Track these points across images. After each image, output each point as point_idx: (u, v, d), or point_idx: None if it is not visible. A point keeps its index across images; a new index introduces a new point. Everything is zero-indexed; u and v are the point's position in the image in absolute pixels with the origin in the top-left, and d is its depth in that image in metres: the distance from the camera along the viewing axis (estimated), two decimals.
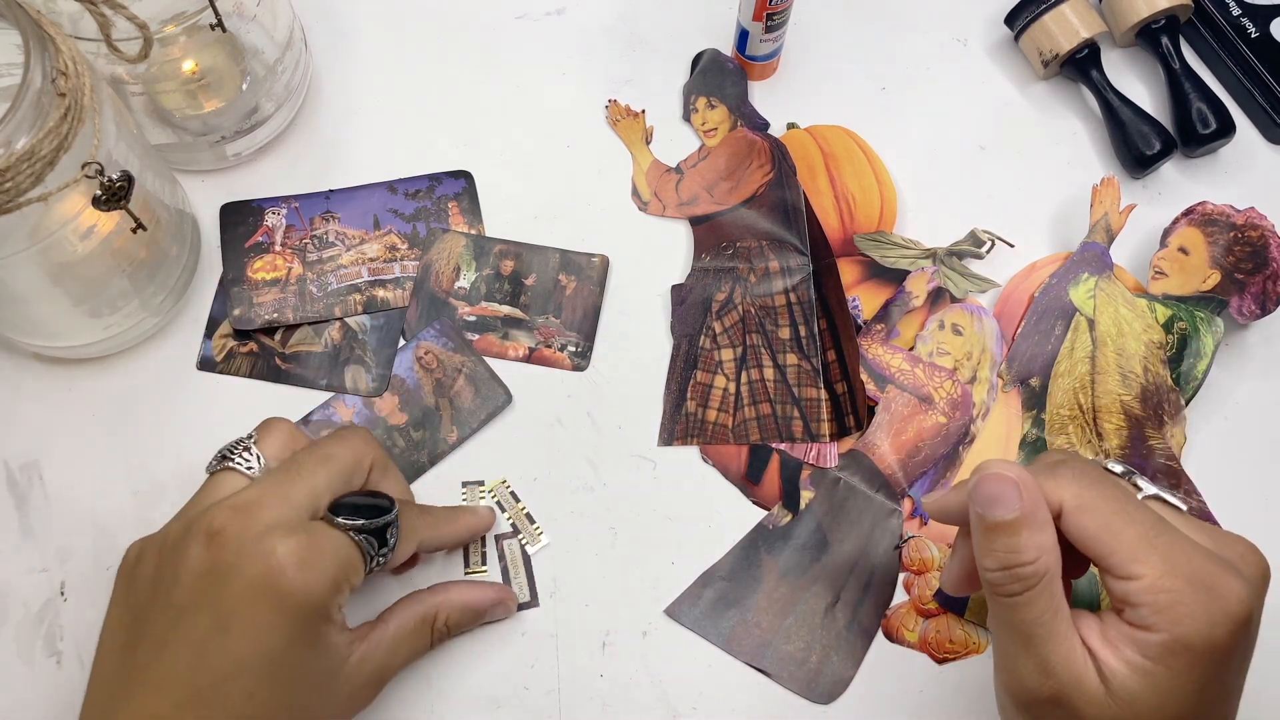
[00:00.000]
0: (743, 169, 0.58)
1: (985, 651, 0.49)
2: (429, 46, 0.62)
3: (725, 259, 0.55)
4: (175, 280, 0.53)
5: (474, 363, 0.54)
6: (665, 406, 0.53)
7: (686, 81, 0.61)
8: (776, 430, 0.52)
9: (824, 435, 0.52)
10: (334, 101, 0.60)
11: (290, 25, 0.56)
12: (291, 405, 0.52)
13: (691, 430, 0.53)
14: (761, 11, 0.56)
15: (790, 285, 0.54)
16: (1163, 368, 0.53)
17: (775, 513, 0.51)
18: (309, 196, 0.57)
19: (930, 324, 0.54)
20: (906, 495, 0.51)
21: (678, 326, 0.55)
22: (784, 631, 0.49)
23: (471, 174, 0.58)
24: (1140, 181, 0.59)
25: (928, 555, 0.50)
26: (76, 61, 0.42)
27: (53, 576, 0.49)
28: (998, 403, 0.53)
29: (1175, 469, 0.52)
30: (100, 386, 0.52)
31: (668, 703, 0.48)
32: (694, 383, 0.53)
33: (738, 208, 0.57)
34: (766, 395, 0.53)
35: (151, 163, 0.49)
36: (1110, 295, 0.55)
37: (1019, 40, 0.62)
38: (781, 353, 0.53)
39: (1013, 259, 0.57)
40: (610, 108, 0.60)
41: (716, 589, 0.50)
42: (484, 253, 0.56)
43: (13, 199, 0.40)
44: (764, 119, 0.59)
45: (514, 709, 0.48)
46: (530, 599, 0.49)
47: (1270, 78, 0.61)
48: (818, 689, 0.48)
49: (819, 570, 0.50)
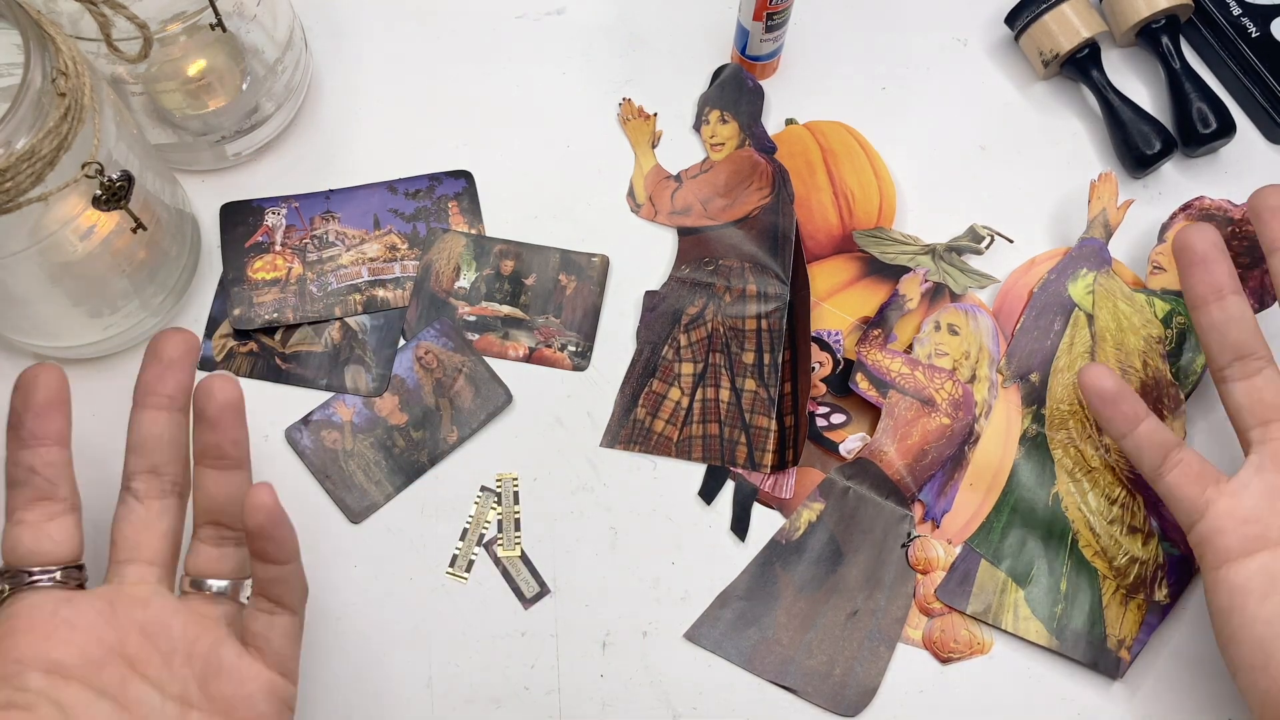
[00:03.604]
0: (741, 188, 0.58)
1: (989, 652, 0.49)
2: (429, 46, 0.62)
3: (705, 273, 0.55)
4: (175, 280, 0.53)
5: (474, 363, 0.54)
6: (615, 409, 0.53)
7: (703, 92, 0.61)
8: (720, 453, 0.52)
9: (765, 466, 0.52)
10: (334, 101, 0.60)
11: (290, 25, 0.56)
12: (291, 405, 0.52)
13: (636, 437, 0.52)
14: (761, 11, 0.56)
15: (764, 311, 0.54)
16: (1162, 362, 0.53)
17: (787, 527, 0.51)
18: (309, 196, 0.57)
19: (926, 326, 0.54)
20: (916, 499, 0.51)
21: (644, 332, 0.54)
22: (805, 646, 0.49)
23: (471, 174, 0.58)
24: (1140, 181, 0.59)
25: (933, 555, 0.50)
26: (76, 61, 0.42)
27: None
28: (998, 399, 0.53)
29: None
30: (100, 386, 0.52)
31: (668, 703, 0.48)
32: (648, 390, 0.53)
33: (728, 226, 0.57)
34: (718, 416, 0.53)
35: (151, 163, 0.49)
36: (1109, 290, 0.55)
37: (1019, 40, 0.62)
38: (741, 376, 0.53)
39: (1011, 255, 0.57)
40: (623, 106, 0.60)
41: (735, 609, 0.49)
42: (484, 253, 0.56)
43: (13, 199, 0.40)
44: (773, 143, 0.59)
45: (514, 709, 0.48)
46: (541, 589, 0.49)
47: (1271, 78, 0.61)
48: (844, 702, 0.48)
49: (835, 582, 0.50)
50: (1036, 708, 0.49)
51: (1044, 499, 0.51)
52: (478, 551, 0.50)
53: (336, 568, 0.50)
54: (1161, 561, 0.50)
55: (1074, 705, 0.49)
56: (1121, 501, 0.51)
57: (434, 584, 0.50)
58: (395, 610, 0.49)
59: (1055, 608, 0.49)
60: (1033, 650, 0.49)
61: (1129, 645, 0.49)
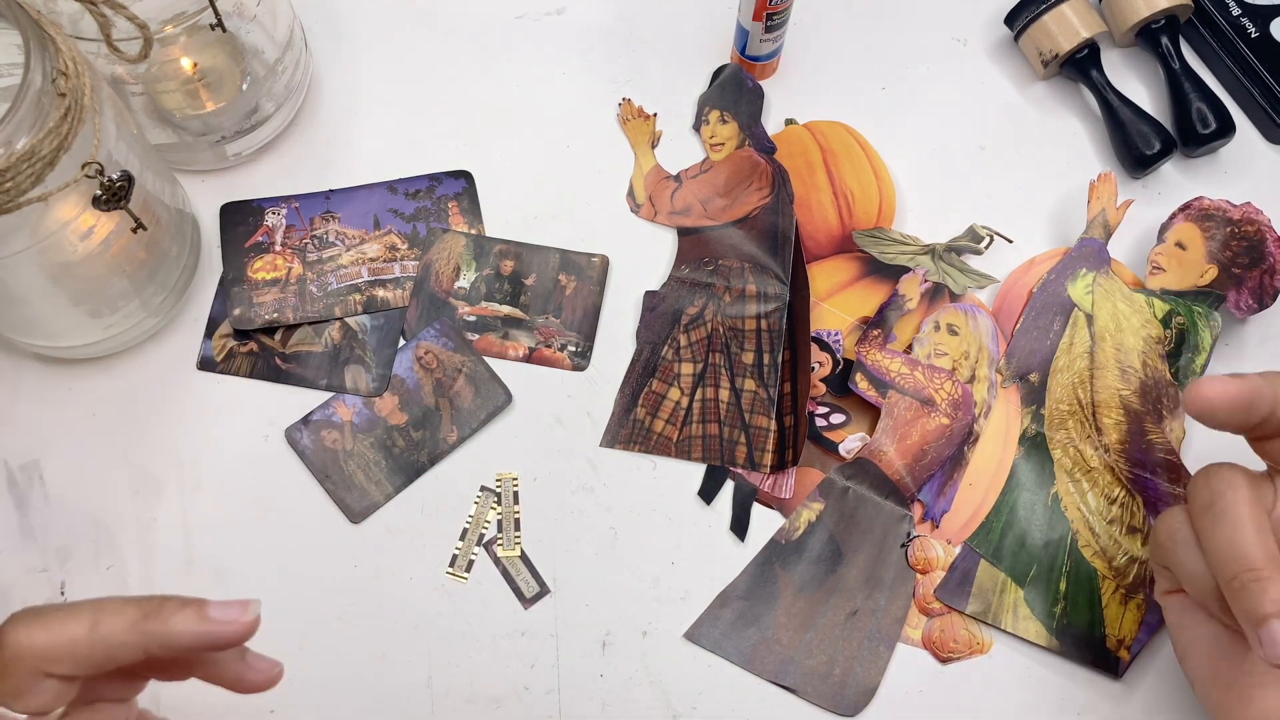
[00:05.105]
0: (741, 188, 0.58)
1: (988, 652, 0.49)
2: (429, 46, 0.62)
3: (705, 274, 0.55)
4: (175, 280, 0.53)
5: (474, 363, 0.54)
6: (615, 409, 0.53)
7: (703, 92, 0.61)
8: (720, 452, 0.52)
9: (765, 466, 0.52)
10: (334, 101, 0.60)
11: (290, 25, 0.56)
12: (291, 405, 0.52)
13: (635, 437, 0.52)
14: (761, 11, 0.56)
15: (764, 311, 0.54)
16: (1161, 362, 0.53)
17: (787, 527, 0.51)
18: (309, 196, 0.57)
19: (925, 326, 0.54)
20: (916, 499, 0.51)
21: (643, 333, 0.54)
22: (805, 646, 0.49)
23: (471, 174, 0.58)
24: (1140, 181, 0.59)
25: (933, 555, 0.50)
26: (76, 61, 0.42)
27: (53, 576, 0.49)
28: (998, 400, 0.53)
29: (1175, 463, 0.51)
30: (100, 386, 0.52)
31: (668, 703, 0.48)
32: (648, 390, 0.53)
33: (728, 226, 0.57)
34: (717, 416, 0.53)
35: (151, 163, 0.49)
36: (1108, 291, 0.55)
37: (1019, 40, 0.62)
38: (741, 376, 0.53)
39: (1011, 255, 0.57)
40: (623, 106, 0.60)
41: (735, 608, 0.49)
42: (484, 253, 0.56)
43: (13, 199, 0.40)
44: (772, 143, 0.59)
45: (514, 709, 0.48)
46: (541, 589, 0.49)
47: (1270, 78, 0.61)
48: (844, 702, 0.48)
49: (835, 582, 0.50)
50: (1036, 708, 0.49)
51: (1043, 499, 0.51)
52: (478, 551, 0.50)
53: (336, 568, 0.50)
54: None
55: (1074, 705, 0.49)
56: (1121, 501, 0.51)
57: (434, 584, 0.50)
58: (395, 610, 0.49)
59: (1054, 608, 0.49)
60: (1032, 650, 0.49)
61: (1129, 645, 0.49)
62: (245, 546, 0.50)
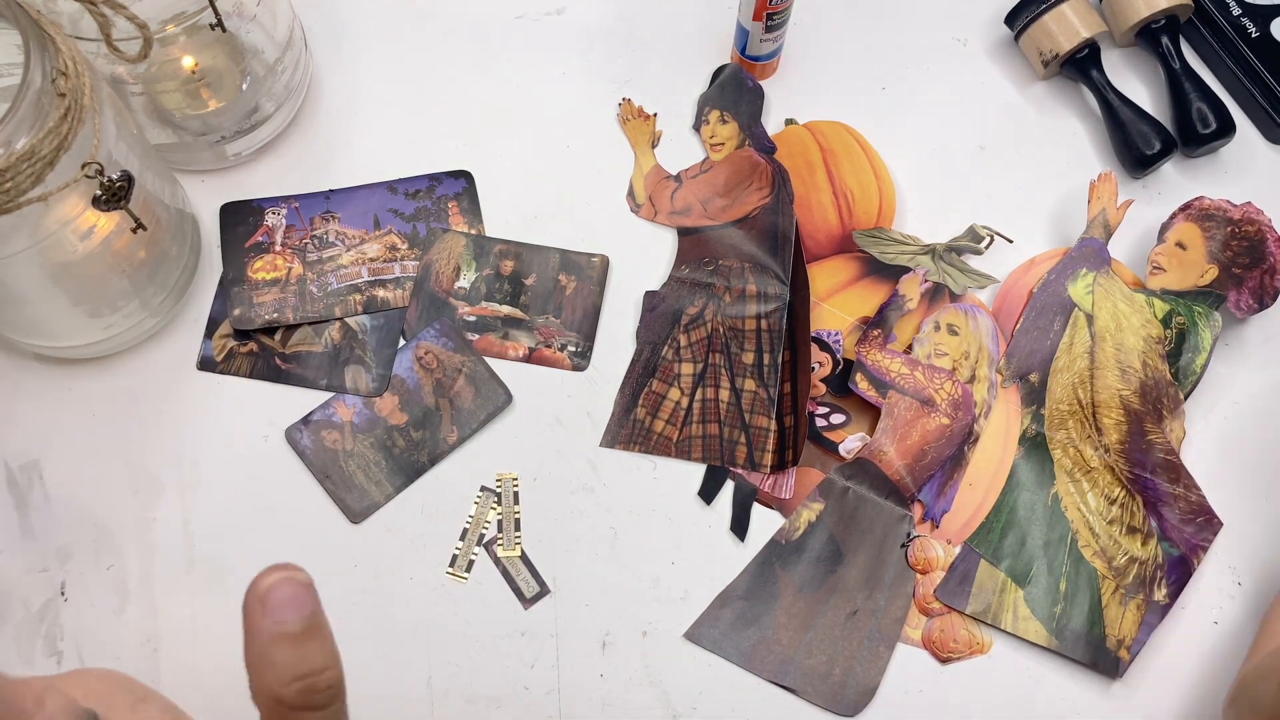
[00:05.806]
0: (741, 188, 0.58)
1: (988, 651, 0.49)
2: (429, 46, 0.62)
3: (705, 274, 0.55)
4: (175, 280, 0.53)
5: (474, 363, 0.54)
6: (615, 409, 0.53)
7: (703, 92, 0.61)
8: (720, 452, 0.52)
9: (765, 466, 0.52)
10: (334, 101, 0.60)
11: (290, 25, 0.56)
12: (291, 405, 0.52)
13: (635, 437, 0.52)
14: (761, 11, 0.56)
15: (764, 311, 0.54)
16: (1161, 362, 0.53)
17: (787, 527, 0.51)
18: (309, 196, 0.57)
19: (925, 326, 0.54)
20: (916, 500, 0.51)
21: (643, 333, 0.54)
22: (805, 646, 0.49)
23: (471, 174, 0.58)
24: (1140, 181, 0.59)
25: (933, 555, 0.50)
26: (76, 61, 0.42)
27: (53, 576, 0.49)
28: (998, 400, 0.53)
29: (1175, 463, 0.51)
30: (100, 386, 0.52)
31: (668, 703, 0.48)
32: (648, 390, 0.53)
33: (728, 226, 0.57)
34: (718, 416, 0.53)
35: (151, 163, 0.49)
36: (1108, 290, 0.55)
37: (1019, 40, 0.62)
38: (741, 376, 0.53)
39: (1011, 255, 0.57)
40: (623, 106, 0.60)
41: (735, 608, 0.49)
42: (484, 253, 0.56)
43: (13, 199, 0.40)
44: (772, 143, 0.59)
45: (514, 709, 0.48)
46: (541, 589, 0.49)
47: (1270, 78, 0.61)
48: (844, 702, 0.48)
49: (835, 582, 0.50)
50: (1036, 708, 0.49)
51: (1043, 499, 0.51)
52: (478, 551, 0.50)
53: (336, 568, 0.50)
54: (1161, 561, 0.50)
55: (1074, 705, 0.49)
56: (1120, 501, 0.51)
57: (434, 584, 0.50)
58: (395, 610, 0.49)
59: (1055, 608, 0.49)
60: (1032, 650, 0.49)
61: (1128, 645, 0.49)
62: (245, 546, 0.50)
